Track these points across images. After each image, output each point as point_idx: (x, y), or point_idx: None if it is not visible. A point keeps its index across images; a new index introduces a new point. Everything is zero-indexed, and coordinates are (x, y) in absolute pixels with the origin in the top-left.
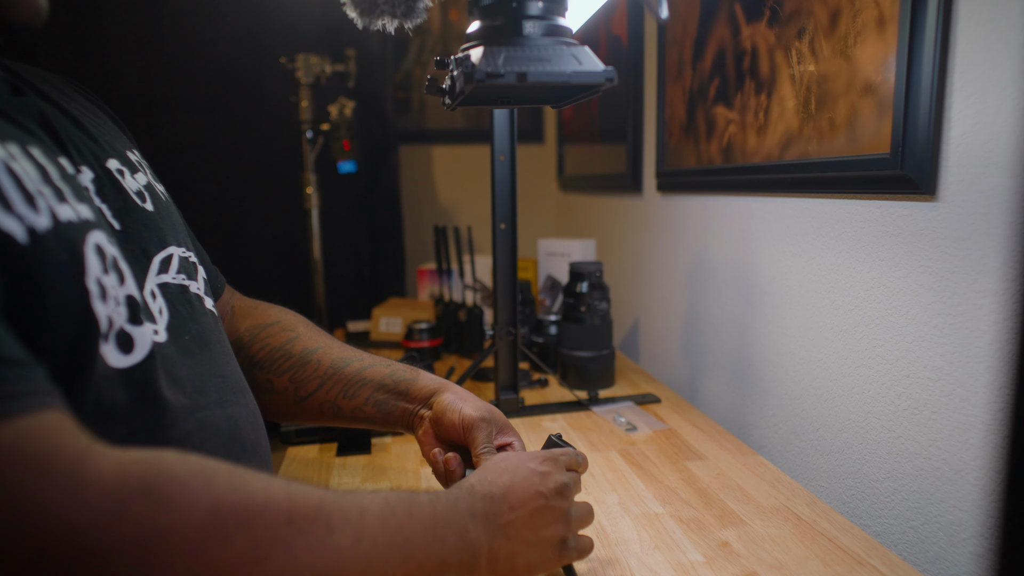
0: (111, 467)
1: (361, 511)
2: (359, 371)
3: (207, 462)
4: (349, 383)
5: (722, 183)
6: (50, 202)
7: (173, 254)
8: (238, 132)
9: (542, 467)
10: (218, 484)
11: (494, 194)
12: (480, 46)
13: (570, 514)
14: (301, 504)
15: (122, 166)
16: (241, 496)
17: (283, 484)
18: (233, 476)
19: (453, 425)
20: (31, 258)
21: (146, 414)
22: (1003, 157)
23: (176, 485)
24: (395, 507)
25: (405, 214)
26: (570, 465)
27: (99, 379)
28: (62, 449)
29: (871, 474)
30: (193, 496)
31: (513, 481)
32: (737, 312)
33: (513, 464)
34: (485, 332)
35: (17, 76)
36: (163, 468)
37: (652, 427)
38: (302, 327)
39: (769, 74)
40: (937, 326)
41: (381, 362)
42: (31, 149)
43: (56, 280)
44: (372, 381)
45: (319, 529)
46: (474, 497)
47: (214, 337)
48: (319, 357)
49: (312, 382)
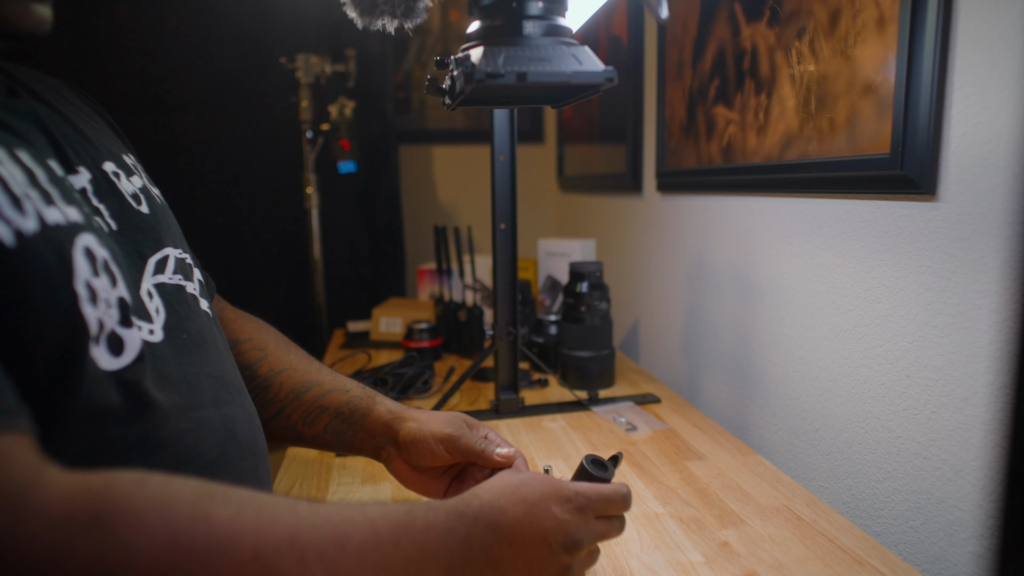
0: (58, 497)
1: (340, 542)
2: (318, 397)
3: (170, 487)
4: (308, 410)
5: (722, 183)
6: (37, 205)
7: (169, 255)
8: (238, 132)
9: (565, 514)
10: (177, 515)
11: (494, 194)
12: (480, 46)
13: (570, 570)
14: (271, 536)
15: (117, 169)
16: (203, 529)
17: (254, 513)
18: (196, 506)
19: (432, 452)
20: (17, 261)
21: (138, 415)
22: (1003, 157)
23: (129, 518)
24: (382, 535)
25: (405, 214)
26: (605, 511)
27: (90, 381)
28: (6, 477)
29: (871, 474)
30: (148, 530)
31: (524, 518)
32: (737, 312)
33: (536, 496)
34: (485, 332)
35: (13, 78)
36: (116, 498)
37: (652, 427)
38: (272, 346)
39: (769, 74)
40: (937, 326)
41: (340, 387)
42: (18, 152)
43: (43, 283)
44: (329, 408)
45: (289, 565)
46: (477, 524)
47: (210, 337)
48: (282, 380)
49: (272, 406)
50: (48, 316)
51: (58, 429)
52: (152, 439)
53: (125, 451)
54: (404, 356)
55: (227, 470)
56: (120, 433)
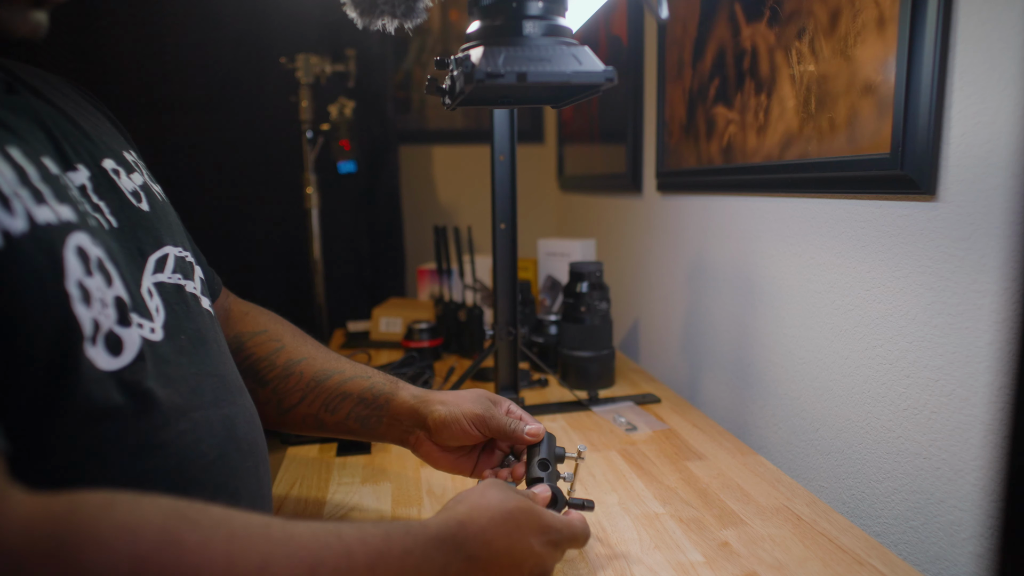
0: (19, 522)
1: (312, 568)
2: (340, 384)
3: (139, 510)
4: (330, 396)
5: (722, 183)
6: (27, 204)
7: (169, 254)
8: (238, 132)
9: (542, 547)
10: (145, 541)
11: (494, 194)
12: (480, 46)
13: None
14: (240, 564)
15: (118, 166)
16: (170, 556)
17: (224, 538)
18: (165, 529)
19: (465, 432)
20: (6, 263)
21: (139, 415)
22: (1003, 157)
23: (93, 543)
24: (356, 561)
25: (405, 214)
26: (571, 546)
27: (88, 382)
28: None
29: (871, 474)
30: (113, 557)
31: (506, 551)
32: (737, 312)
33: (522, 529)
34: (485, 332)
35: (12, 75)
36: (80, 522)
37: (652, 427)
38: (288, 337)
39: (769, 74)
40: (937, 326)
41: (362, 374)
42: (9, 149)
43: (32, 284)
44: (352, 395)
45: None
46: (458, 554)
47: (210, 337)
48: (302, 369)
49: (294, 394)
50: (39, 317)
51: (56, 430)
52: (152, 440)
53: (125, 452)
54: (404, 356)
55: (227, 471)
56: (120, 434)
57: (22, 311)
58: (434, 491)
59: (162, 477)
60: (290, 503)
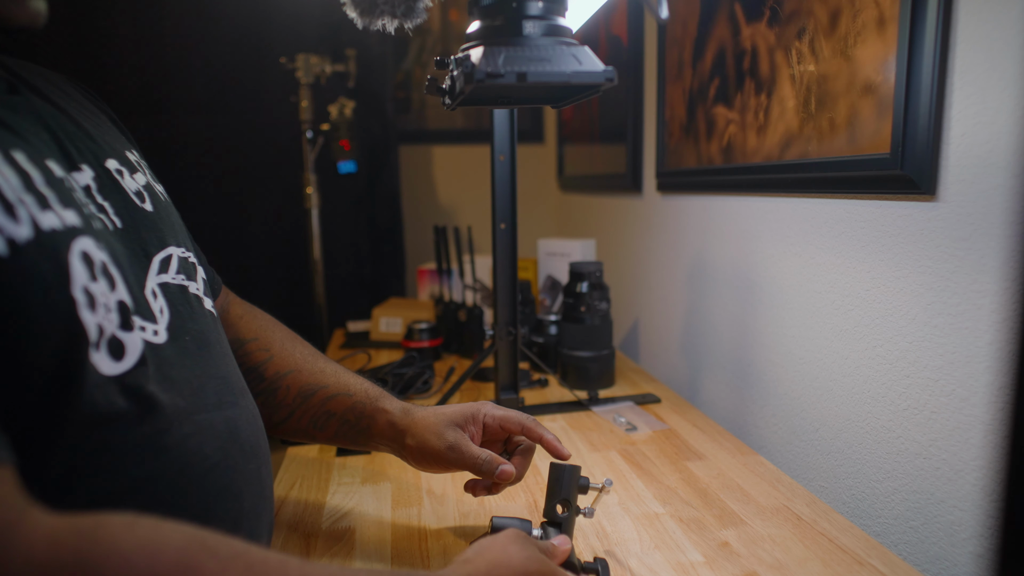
0: (43, 538)
1: None
2: (323, 402)
3: (160, 532)
4: (316, 414)
5: (722, 183)
6: (32, 211)
7: (172, 254)
8: (238, 132)
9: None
10: (164, 562)
11: (494, 194)
12: (480, 46)
13: None
14: None
15: (121, 166)
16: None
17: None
18: (185, 553)
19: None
20: (11, 270)
21: (142, 419)
22: (1003, 157)
23: (115, 559)
24: None
25: (405, 214)
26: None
27: (92, 388)
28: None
29: (871, 474)
30: (133, 574)
31: None
32: (737, 312)
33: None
34: (485, 332)
35: (14, 74)
36: (103, 540)
37: (652, 427)
38: (277, 346)
39: (769, 74)
40: (937, 326)
41: (343, 391)
42: (14, 154)
43: (39, 292)
44: (336, 415)
45: None
46: None
47: (213, 338)
48: (288, 384)
49: (282, 410)
50: (46, 324)
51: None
52: (155, 443)
53: (128, 456)
54: (404, 356)
55: (230, 473)
56: (123, 438)
57: (28, 318)
58: (434, 491)
59: (165, 480)
60: (290, 503)
